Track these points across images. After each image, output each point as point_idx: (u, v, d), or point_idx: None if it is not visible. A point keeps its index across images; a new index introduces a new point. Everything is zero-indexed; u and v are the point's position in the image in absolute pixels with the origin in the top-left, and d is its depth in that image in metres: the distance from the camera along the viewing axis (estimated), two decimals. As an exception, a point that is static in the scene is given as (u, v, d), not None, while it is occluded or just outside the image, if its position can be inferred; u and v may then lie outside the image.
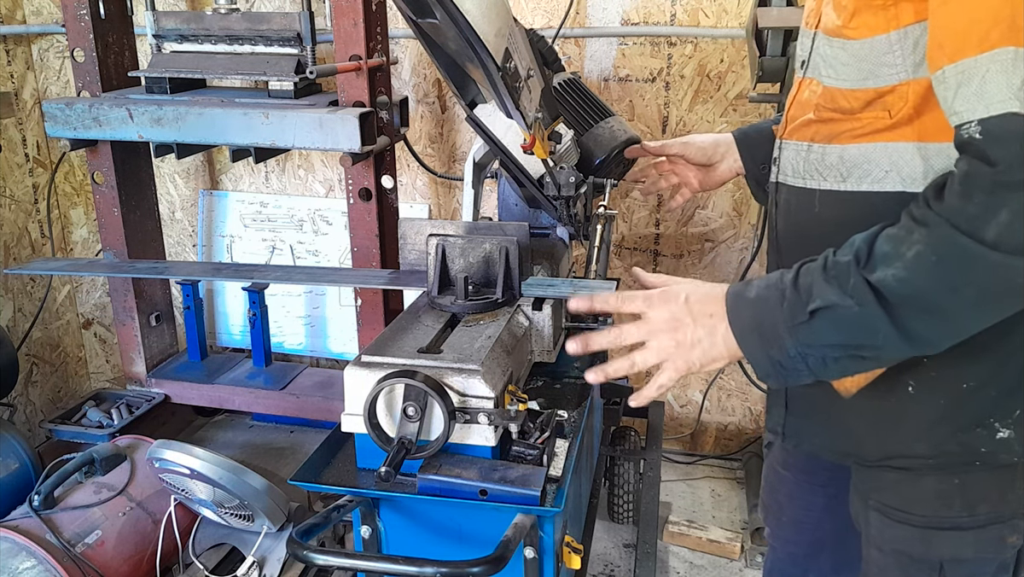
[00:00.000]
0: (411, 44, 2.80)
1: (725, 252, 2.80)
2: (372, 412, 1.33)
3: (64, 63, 3.05)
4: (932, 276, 0.92)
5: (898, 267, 0.94)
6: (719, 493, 2.89)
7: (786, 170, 1.29)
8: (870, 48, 1.09)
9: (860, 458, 1.27)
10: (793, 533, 1.64)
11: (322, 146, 2.21)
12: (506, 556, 1.20)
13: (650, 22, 2.61)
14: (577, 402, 1.62)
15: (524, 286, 1.67)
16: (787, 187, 1.29)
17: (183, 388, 2.75)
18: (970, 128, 0.90)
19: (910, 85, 1.06)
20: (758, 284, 1.08)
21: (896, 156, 1.10)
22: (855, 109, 1.13)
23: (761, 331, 1.05)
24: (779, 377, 1.06)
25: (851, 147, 1.15)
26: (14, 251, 3.06)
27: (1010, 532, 1.18)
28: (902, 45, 1.05)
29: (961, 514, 1.18)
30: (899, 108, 1.08)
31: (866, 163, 1.13)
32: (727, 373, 2.93)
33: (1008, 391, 1.13)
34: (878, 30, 1.07)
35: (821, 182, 1.20)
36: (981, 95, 0.89)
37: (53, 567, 1.94)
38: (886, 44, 1.06)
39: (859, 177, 1.14)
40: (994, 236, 0.88)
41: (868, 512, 1.27)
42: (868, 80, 1.10)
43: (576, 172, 1.78)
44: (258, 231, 3.16)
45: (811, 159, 1.22)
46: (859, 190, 1.15)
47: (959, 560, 1.20)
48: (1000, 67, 0.88)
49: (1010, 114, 0.87)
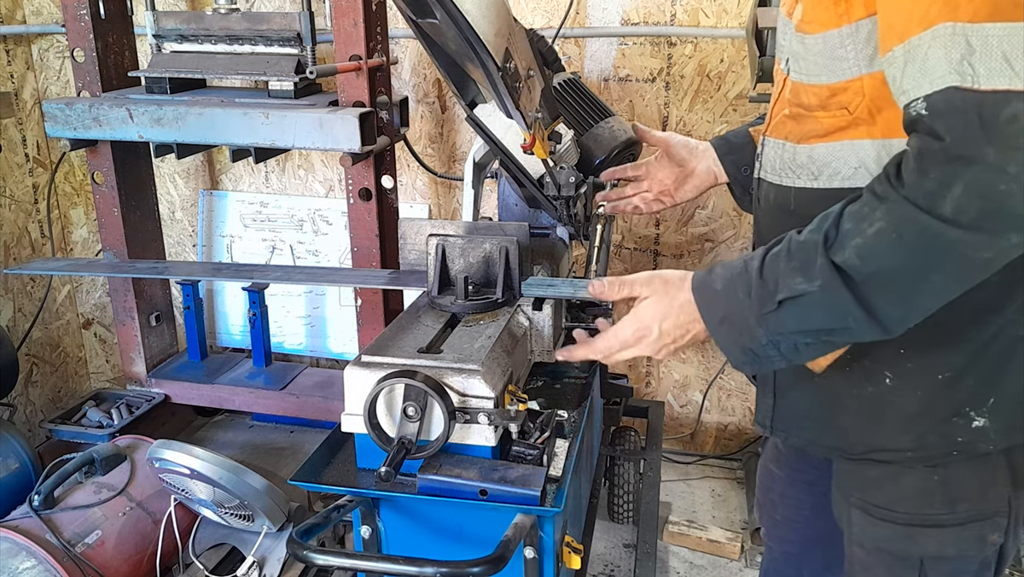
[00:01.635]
0: (411, 44, 2.80)
1: (725, 252, 2.80)
2: (372, 412, 1.33)
3: (64, 63, 3.05)
4: (893, 253, 0.93)
5: (859, 244, 0.95)
6: (719, 493, 2.89)
7: (767, 167, 1.30)
8: (823, 43, 1.10)
9: (845, 452, 1.27)
10: (787, 532, 1.64)
11: (322, 146, 2.21)
12: (506, 556, 1.20)
13: (650, 22, 2.61)
14: (577, 402, 1.62)
15: (524, 286, 1.67)
16: (767, 183, 1.30)
17: (183, 388, 2.75)
18: (917, 105, 0.91)
19: (864, 80, 1.07)
20: (722, 274, 1.10)
21: (862, 153, 1.11)
22: (814, 105, 1.14)
23: (731, 321, 1.07)
24: (752, 364, 1.09)
25: (819, 146, 1.16)
26: (14, 251, 3.06)
27: (991, 530, 1.18)
28: (854, 40, 1.06)
29: (941, 512, 1.18)
30: (856, 104, 1.09)
31: (834, 161, 1.14)
32: (727, 373, 2.93)
33: (983, 380, 1.13)
34: (830, 25, 1.08)
35: (795, 180, 1.22)
36: (924, 71, 0.90)
37: (53, 567, 1.94)
38: (838, 39, 1.08)
39: (829, 176, 1.16)
40: (951, 211, 0.88)
41: (851, 510, 1.28)
42: (823, 75, 1.11)
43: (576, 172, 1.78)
44: (258, 231, 3.16)
45: (785, 157, 1.23)
46: (831, 187, 1.16)
47: (941, 558, 1.20)
48: (940, 42, 0.89)
49: (951, 88, 0.88)
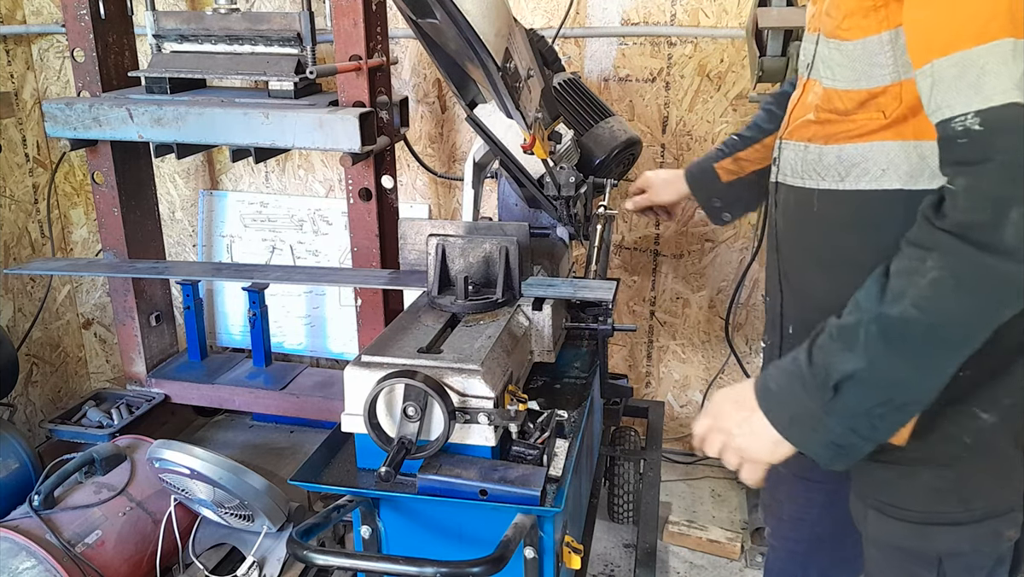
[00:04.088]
0: (411, 44, 2.80)
1: (725, 252, 2.80)
2: (372, 412, 1.33)
3: (64, 63, 3.05)
4: (958, 301, 0.92)
5: (916, 296, 0.93)
6: (719, 493, 2.89)
7: (785, 170, 1.30)
8: (863, 49, 1.09)
9: None
10: (793, 531, 1.64)
11: (322, 146, 2.21)
12: (506, 556, 1.20)
13: (650, 22, 2.61)
14: (577, 402, 1.61)
15: (524, 286, 1.67)
16: (786, 187, 1.30)
17: (183, 388, 2.75)
18: (966, 120, 0.90)
19: (903, 85, 1.06)
20: (776, 376, 1.09)
21: (893, 154, 1.10)
22: (850, 110, 1.14)
23: (800, 420, 1.05)
24: (840, 457, 1.06)
25: (848, 147, 1.15)
26: (14, 251, 3.06)
27: (1007, 526, 1.19)
28: (893, 46, 1.05)
29: (957, 509, 1.18)
30: (893, 109, 1.08)
31: (863, 162, 1.13)
32: (727, 373, 2.93)
33: (987, 378, 1.13)
34: (870, 31, 1.08)
35: (819, 181, 1.21)
36: (978, 87, 0.89)
37: (53, 567, 1.94)
38: (877, 45, 1.07)
39: (857, 176, 1.15)
40: (1012, 238, 0.87)
41: (867, 511, 1.28)
42: (861, 81, 1.11)
43: (576, 172, 1.78)
44: (258, 231, 3.16)
45: (809, 159, 1.23)
46: (857, 188, 1.15)
47: (957, 554, 1.21)
48: (999, 58, 0.88)
49: (1013, 104, 0.87)
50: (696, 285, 2.87)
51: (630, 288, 2.93)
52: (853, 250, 1.18)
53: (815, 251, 1.26)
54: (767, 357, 1.46)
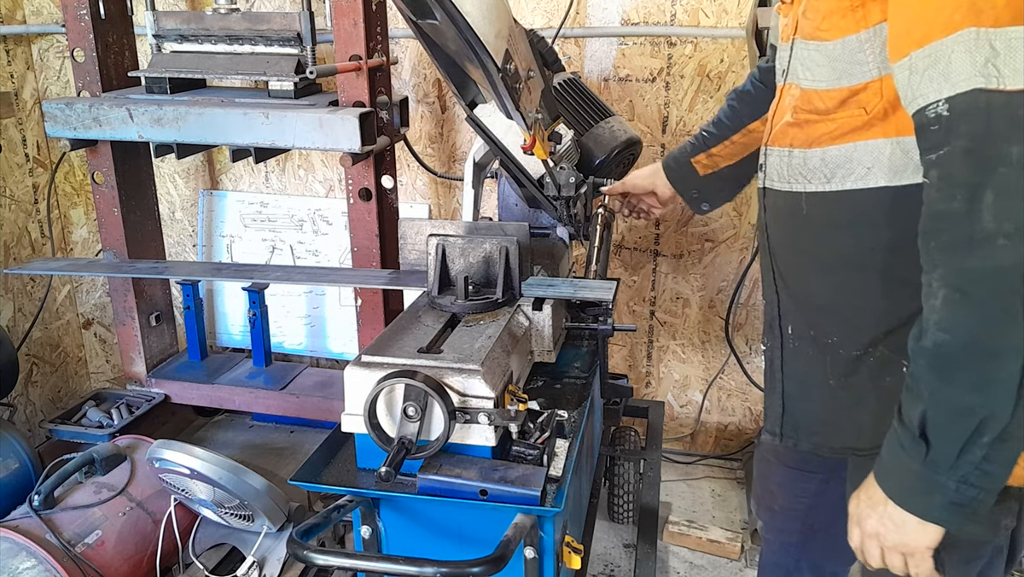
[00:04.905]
0: (411, 44, 2.80)
1: (725, 252, 2.80)
2: (372, 412, 1.33)
3: (64, 63, 3.05)
4: (968, 310, 0.92)
5: (937, 320, 0.94)
6: (719, 493, 2.89)
7: (772, 175, 1.32)
8: (842, 48, 1.12)
9: (856, 450, 1.29)
10: (786, 522, 1.65)
11: (322, 146, 2.21)
12: (506, 556, 1.20)
13: (650, 22, 2.61)
14: (577, 402, 1.62)
15: (524, 286, 1.67)
16: (774, 192, 1.32)
17: (183, 388, 2.75)
18: (937, 107, 0.93)
19: (883, 81, 1.09)
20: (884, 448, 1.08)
21: (876, 152, 1.12)
22: (830, 109, 1.16)
23: (914, 490, 1.03)
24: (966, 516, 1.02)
25: (832, 148, 1.17)
26: (14, 251, 3.06)
27: (1004, 515, 1.19)
28: (872, 43, 1.08)
29: None
30: (875, 104, 1.11)
31: (848, 163, 1.16)
32: (727, 373, 2.93)
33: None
34: (848, 31, 1.10)
35: (806, 185, 1.23)
36: (947, 75, 0.92)
37: (53, 567, 1.94)
38: (856, 43, 1.10)
39: (843, 177, 1.17)
40: (989, 224, 0.88)
41: None
42: (842, 79, 1.13)
43: (576, 172, 1.78)
44: (258, 231, 3.16)
45: (794, 164, 1.25)
46: (844, 189, 1.17)
47: (954, 545, 1.21)
48: (964, 47, 0.91)
49: (976, 90, 0.90)
50: (696, 285, 2.87)
51: (630, 288, 2.93)
52: (845, 249, 1.20)
53: (808, 253, 1.28)
54: (768, 360, 1.46)
